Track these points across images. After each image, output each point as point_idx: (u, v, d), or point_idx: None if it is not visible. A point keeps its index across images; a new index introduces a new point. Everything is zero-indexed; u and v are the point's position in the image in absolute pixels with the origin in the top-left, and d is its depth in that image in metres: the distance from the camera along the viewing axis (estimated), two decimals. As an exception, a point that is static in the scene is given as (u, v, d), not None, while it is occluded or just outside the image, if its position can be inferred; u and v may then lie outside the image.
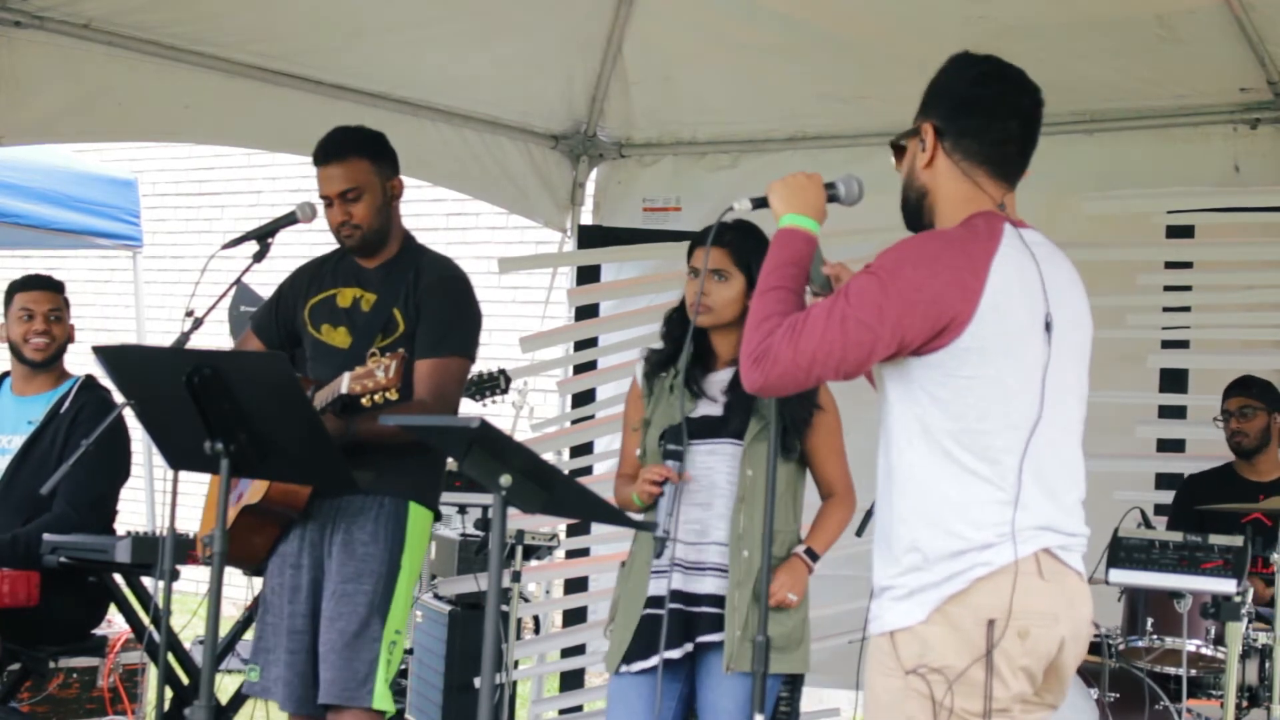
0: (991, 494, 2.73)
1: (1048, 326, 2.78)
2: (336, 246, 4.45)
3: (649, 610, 3.94)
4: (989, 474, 2.73)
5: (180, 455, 3.77)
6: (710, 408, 3.99)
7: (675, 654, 3.89)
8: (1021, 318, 2.76)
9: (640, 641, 3.94)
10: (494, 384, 5.92)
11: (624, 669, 3.95)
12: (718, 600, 3.91)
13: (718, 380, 4.01)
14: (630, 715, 3.93)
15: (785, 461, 3.94)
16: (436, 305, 4.25)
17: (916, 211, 2.92)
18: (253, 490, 4.14)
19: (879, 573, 2.84)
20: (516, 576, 5.50)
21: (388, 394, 3.80)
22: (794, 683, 4.05)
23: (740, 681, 3.84)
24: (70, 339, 5.53)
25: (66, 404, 5.36)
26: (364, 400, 3.83)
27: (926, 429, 2.74)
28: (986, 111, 2.88)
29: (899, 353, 2.73)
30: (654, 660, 3.88)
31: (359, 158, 4.32)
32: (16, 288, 5.50)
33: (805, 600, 4.03)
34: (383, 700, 4.14)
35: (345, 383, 3.86)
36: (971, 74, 2.90)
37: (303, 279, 4.49)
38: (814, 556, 4.02)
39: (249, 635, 5.82)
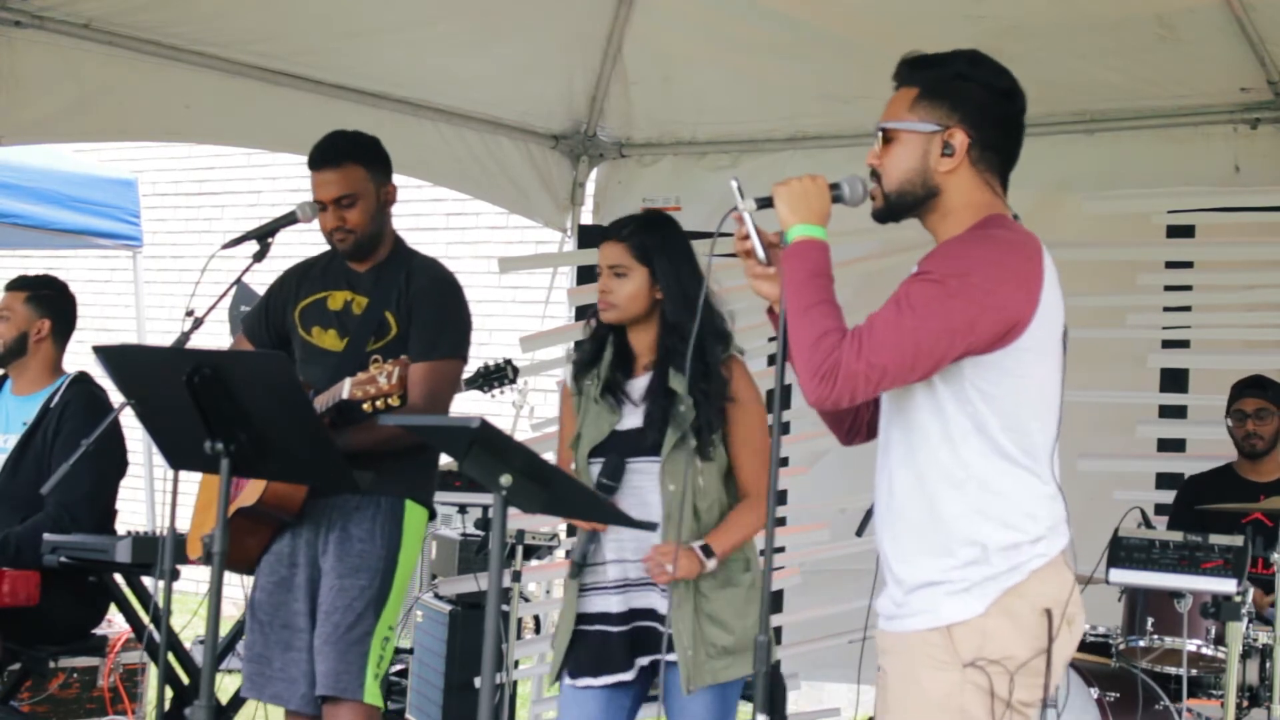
0: (1040, 488, 2.81)
1: (1063, 338, 2.88)
2: (315, 247, 4.46)
3: (581, 626, 3.91)
4: (1036, 469, 2.81)
5: (180, 455, 3.77)
6: (633, 417, 3.92)
7: (627, 676, 3.86)
8: (1057, 321, 2.84)
9: (582, 658, 3.90)
10: (501, 374, 5.93)
11: (568, 682, 3.91)
12: (663, 617, 3.86)
13: (638, 386, 3.94)
14: None
15: (707, 463, 3.85)
16: (429, 308, 4.26)
17: (913, 206, 2.90)
18: (247, 493, 4.13)
19: (922, 568, 2.83)
20: (516, 576, 5.49)
21: (389, 400, 3.79)
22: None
23: (706, 695, 3.81)
24: (31, 335, 5.41)
25: (56, 399, 5.35)
26: (365, 406, 3.82)
27: (980, 426, 2.78)
28: (1011, 129, 2.92)
29: (965, 356, 2.75)
30: (602, 680, 3.85)
31: (354, 164, 4.32)
32: None
33: (754, 599, 3.89)
34: (373, 695, 4.15)
35: (346, 388, 3.86)
36: (1001, 86, 2.89)
37: (291, 281, 4.49)
38: (709, 553, 3.83)
39: (249, 635, 5.83)
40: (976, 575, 2.77)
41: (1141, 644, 5.01)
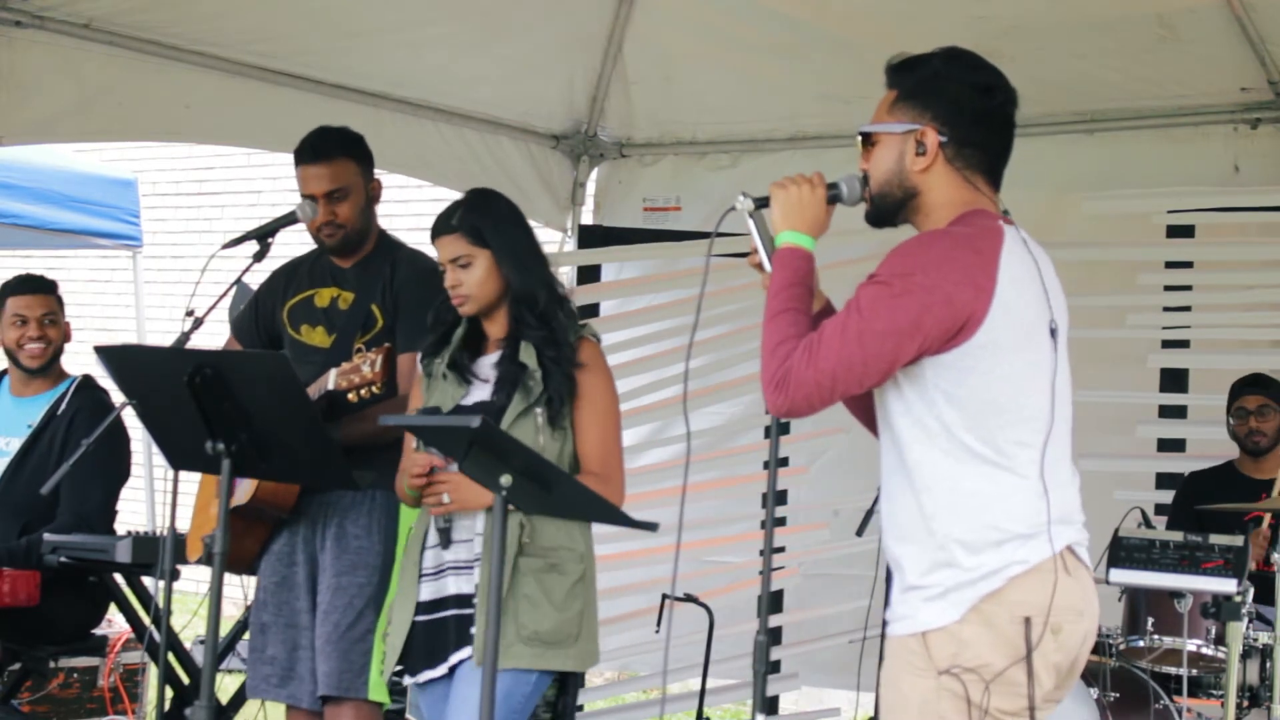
0: (1019, 485, 2.76)
1: (1053, 334, 2.83)
2: (314, 247, 4.47)
3: (420, 617, 3.73)
4: (1012, 466, 2.76)
5: (181, 455, 3.77)
6: (482, 391, 3.78)
7: (442, 670, 3.68)
8: (1029, 314, 2.79)
9: (420, 651, 3.72)
10: None
11: (410, 680, 3.75)
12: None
13: (487, 363, 3.81)
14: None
15: (559, 431, 3.70)
16: (414, 300, 4.26)
17: (896, 209, 2.91)
18: (238, 492, 4.13)
19: (905, 571, 2.82)
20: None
21: (374, 388, 3.79)
22: (565, 682, 3.75)
23: (499, 679, 3.51)
24: (67, 338, 5.48)
25: (64, 405, 5.34)
26: (350, 396, 3.82)
27: (946, 427, 2.75)
28: (992, 124, 2.89)
29: (919, 357, 2.73)
30: (438, 672, 3.68)
31: (346, 159, 4.35)
32: (8, 291, 5.42)
33: (579, 594, 3.69)
34: (378, 691, 4.15)
35: (332, 378, 3.87)
36: (977, 82, 2.88)
37: (279, 281, 4.51)
38: None
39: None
40: (949, 580, 2.74)
41: (1141, 644, 5.01)
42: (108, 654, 6.03)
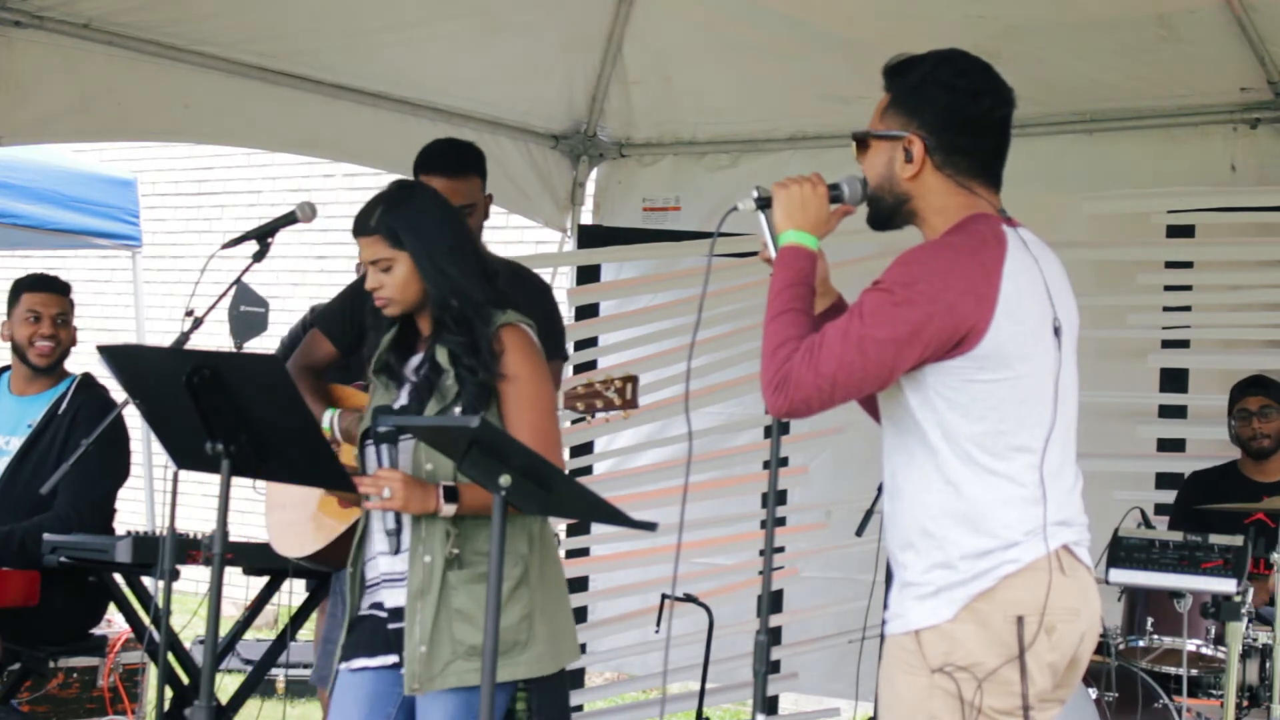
0: (1016, 492, 2.76)
1: (1056, 332, 2.83)
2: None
3: (365, 613, 3.66)
4: (1011, 473, 2.76)
5: (185, 455, 3.76)
6: (406, 396, 3.66)
7: (387, 660, 3.58)
8: (1032, 321, 2.79)
9: (358, 640, 3.64)
10: None
11: (341, 667, 3.67)
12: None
13: (414, 364, 3.70)
14: (351, 707, 3.62)
15: None
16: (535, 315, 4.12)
17: (891, 214, 2.91)
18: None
19: (901, 571, 2.83)
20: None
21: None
22: (533, 687, 3.60)
23: (449, 701, 3.46)
24: (74, 342, 5.50)
25: (64, 404, 5.34)
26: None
27: (947, 433, 2.76)
28: (979, 129, 2.88)
29: (920, 364, 2.74)
30: (375, 661, 3.59)
31: (476, 175, 4.41)
32: (24, 287, 5.44)
33: (520, 598, 3.53)
34: None
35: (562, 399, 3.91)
36: (963, 86, 2.86)
37: None
38: (451, 495, 3.45)
39: (249, 635, 5.82)
40: (942, 580, 2.75)
41: (1141, 644, 5.01)
42: (107, 654, 6.03)
